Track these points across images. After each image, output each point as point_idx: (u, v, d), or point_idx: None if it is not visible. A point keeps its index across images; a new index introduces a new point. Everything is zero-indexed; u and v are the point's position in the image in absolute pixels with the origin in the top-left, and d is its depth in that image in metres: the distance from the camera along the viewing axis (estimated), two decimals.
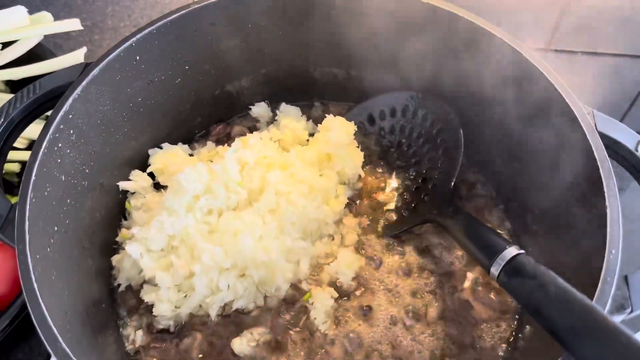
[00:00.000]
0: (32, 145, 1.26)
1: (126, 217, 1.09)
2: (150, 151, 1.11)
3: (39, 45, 1.29)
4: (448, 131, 1.12)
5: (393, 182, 1.16)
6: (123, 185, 1.06)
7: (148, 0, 1.59)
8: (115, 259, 1.02)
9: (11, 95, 1.28)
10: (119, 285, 1.01)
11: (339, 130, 1.10)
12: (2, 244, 1.00)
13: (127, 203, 1.08)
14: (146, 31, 0.98)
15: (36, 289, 0.72)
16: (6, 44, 1.26)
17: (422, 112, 1.16)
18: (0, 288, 1.00)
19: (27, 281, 0.73)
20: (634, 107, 1.76)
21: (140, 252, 0.97)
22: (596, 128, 0.88)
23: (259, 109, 1.22)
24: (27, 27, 1.22)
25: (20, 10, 1.22)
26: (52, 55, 1.27)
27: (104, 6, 1.57)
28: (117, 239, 1.05)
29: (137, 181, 1.08)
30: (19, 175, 1.25)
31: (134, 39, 0.97)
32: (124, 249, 1.01)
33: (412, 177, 1.15)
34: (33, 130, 1.09)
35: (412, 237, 1.09)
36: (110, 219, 1.05)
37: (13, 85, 1.32)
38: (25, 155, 1.24)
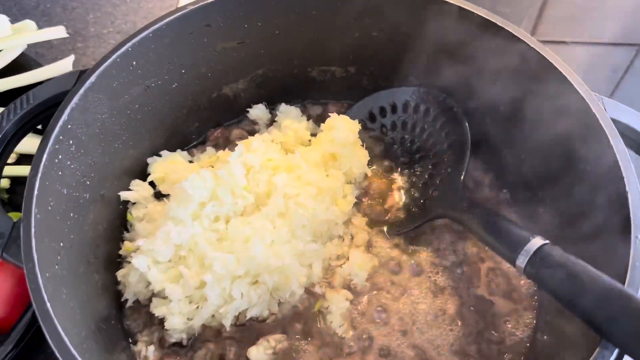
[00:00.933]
0: (21, 160, 1.23)
1: (128, 229, 1.04)
2: (149, 160, 1.08)
3: (22, 55, 1.24)
4: (452, 124, 1.10)
5: (399, 180, 1.14)
6: (124, 195, 1.02)
7: (130, 6, 1.54)
8: (120, 274, 0.98)
9: None
10: (126, 300, 0.97)
11: (343, 129, 1.07)
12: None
13: (128, 214, 1.04)
14: (142, 35, 0.94)
15: (50, 310, 0.68)
16: None
17: (424, 107, 1.14)
18: (1, 310, 0.94)
19: (39, 301, 0.69)
20: (617, 90, 1.79)
21: (147, 264, 0.93)
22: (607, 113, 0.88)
23: (257, 111, 1.19)
24: (10, 37, 1.17)
25: (2, 19, 1.16)
26: (38, 65, 1.22)
27: (85, 13, 1.52)
28: (121, 252, 1.01)
29: (138, 191, 1.04)
30: (9, 191, 1.20)
31: (130, 43, 0.93)
32: (128, 262, 0.97)
33: (417, 173, 1.13)
34: (22, 143, 1.04)
35: (421, 234, 1.08)
36: (113, 231, 1.01)
37: None
38: (15, 171, 1.19)
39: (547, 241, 0.80)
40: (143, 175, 1.07)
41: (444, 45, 1.05)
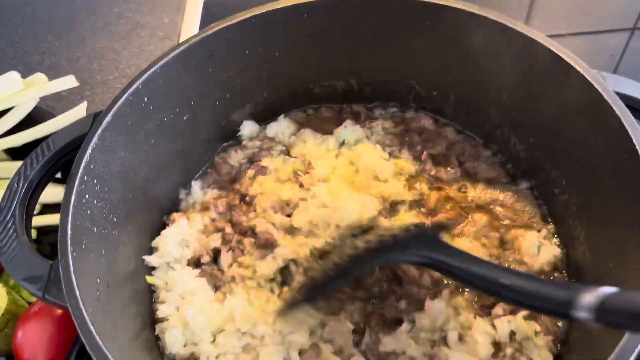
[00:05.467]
0: (44, 210, 1.26)
1: None
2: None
3: (34, 108, 1.28)
4: None
5: None
6: (148, 260, 1.03)
7: (132, 51, 1.59)
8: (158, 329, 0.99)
9: (14, 163, 1.27)
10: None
11: None
12: (37, 312, 0.99)
13: (147, 277, 1.03)
14: (150, 71, 0.98)
15: (99, 343, 0.70)
16: (2, 112, 1.24)
17: None
18: (43, 357, 0.96)
19: (87, 335, 0.70)
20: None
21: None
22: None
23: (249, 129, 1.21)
24: (22, 92, 1.21)
25: (13, 75, 1.21)
26: (51, 116, 1.25)
27: (89, 63, 1.56)
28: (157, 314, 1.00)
29: (162, 256, 1.04)
30: (35, 241, 1.22)
31: (140, 80, 0.96)
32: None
33: None
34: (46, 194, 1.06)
35: None
36: (145, 267, 1.03)
37: (13, 153, 1.30)
38: (39, 221, 1.21)
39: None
40: (165, 209, 1.11)
41: (438, 45, 1.08)
